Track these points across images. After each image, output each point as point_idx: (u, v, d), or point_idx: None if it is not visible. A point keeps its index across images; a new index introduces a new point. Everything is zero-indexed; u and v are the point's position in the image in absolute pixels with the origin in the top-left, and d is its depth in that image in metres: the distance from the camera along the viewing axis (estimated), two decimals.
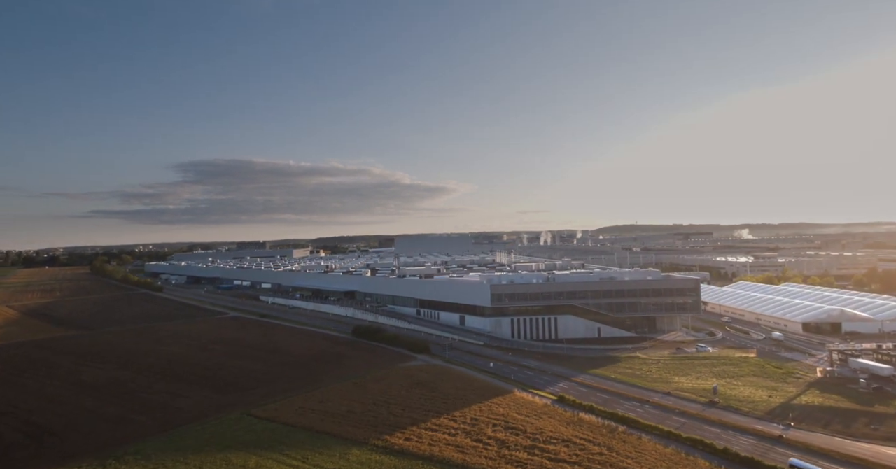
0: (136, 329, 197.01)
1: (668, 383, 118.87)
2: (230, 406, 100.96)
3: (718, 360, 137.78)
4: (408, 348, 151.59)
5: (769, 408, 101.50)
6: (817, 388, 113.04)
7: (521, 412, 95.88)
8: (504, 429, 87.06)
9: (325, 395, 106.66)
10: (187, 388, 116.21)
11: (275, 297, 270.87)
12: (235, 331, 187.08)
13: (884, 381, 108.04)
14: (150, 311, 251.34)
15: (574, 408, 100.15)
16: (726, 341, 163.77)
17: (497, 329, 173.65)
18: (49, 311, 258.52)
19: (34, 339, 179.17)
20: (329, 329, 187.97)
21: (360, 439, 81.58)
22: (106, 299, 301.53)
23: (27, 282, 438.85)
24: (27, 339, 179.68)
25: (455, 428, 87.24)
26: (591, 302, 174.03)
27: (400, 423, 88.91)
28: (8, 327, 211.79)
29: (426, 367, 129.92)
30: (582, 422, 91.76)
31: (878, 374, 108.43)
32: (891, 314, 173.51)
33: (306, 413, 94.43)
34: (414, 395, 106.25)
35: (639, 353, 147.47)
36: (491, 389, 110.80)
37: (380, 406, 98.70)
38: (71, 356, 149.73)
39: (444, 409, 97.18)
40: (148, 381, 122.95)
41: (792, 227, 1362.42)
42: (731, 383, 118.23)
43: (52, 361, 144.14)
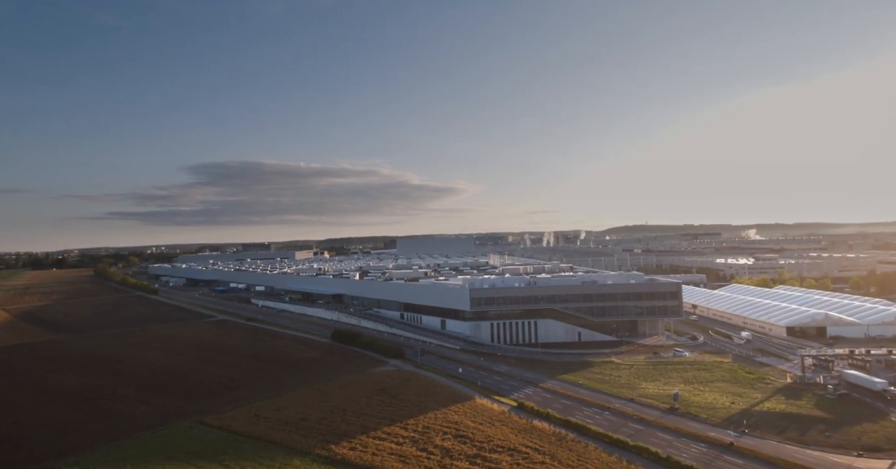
0: (121, 333, 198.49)
1: (634, 389, 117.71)
2: (188, 413, 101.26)
3: (692, 365, 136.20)
4: (382, 353, 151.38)
5: (728, 414, 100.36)
6: (783, 395, 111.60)
7: (476, 420, 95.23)
8: (454, 437, 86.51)
9: (285, 401, 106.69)
10: (152, 394, 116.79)
11: (265, 300, 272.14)
12: (217, 335, 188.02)
13: (874, 396, 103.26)
14: (141, 314, 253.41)
15: (531, 415, 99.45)
16: (706, 346, 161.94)
17: (476, 333, 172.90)
18: (42, 314, 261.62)
19: (15, 344, 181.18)
20: (310, 333, 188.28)
21: (305, 448, 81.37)
22: (100, 302, 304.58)
23: (28, 284, 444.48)
24: (8, 344, 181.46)
25: (404, 436, 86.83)
26: (571, 306, 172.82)
27: (350, 432, 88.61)
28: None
29: (395, 373, 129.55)
30: (534, 429, 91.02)
31: (870, 388, 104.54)
32: (876, 318, 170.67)
33: (260, 421, 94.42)
34: (374, 401, 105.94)
35: (614, 358, 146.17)
36: (453, 396, 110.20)
37: (336, 413, 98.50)
38: (46, 361, 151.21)
39: (400, 416, 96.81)
40: (115, 387, 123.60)
41: (806, 227, 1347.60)
42: (697, 389, 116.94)
43: (26, 367, 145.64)
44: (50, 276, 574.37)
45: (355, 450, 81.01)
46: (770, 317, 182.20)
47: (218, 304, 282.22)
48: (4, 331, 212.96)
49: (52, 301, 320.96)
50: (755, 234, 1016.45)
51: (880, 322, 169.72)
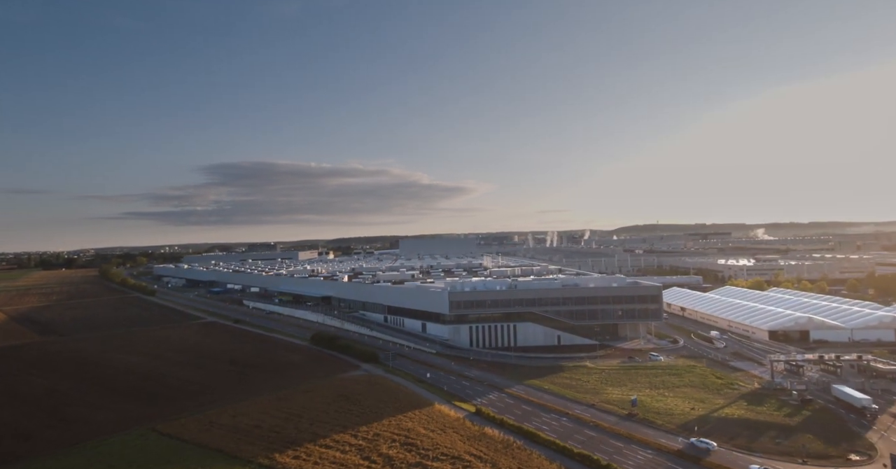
0: (108, 335, 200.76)
1: (598, 394, 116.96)
2: (146, 420, 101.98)
3: (663, 370, 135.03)
4: (356, 357, 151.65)
5: (685, 421, 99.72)
6: (747, 400, 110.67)
7: (430, 426, 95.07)
8: (401, 445, 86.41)
9: (245, 407, 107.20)
10: (117, 399, 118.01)
11: (257, 302, 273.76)
12: (200, 338, 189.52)
13: (858, 413, 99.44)
14: (133, 316, 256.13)
15: (486, 421, 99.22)
16: (685, 350, 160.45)
17: (455, 337, 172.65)
18: (37, 316, 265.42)
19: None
20: (293, 336, 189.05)
21: (248, 457, 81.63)
22: (97, 304, 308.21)
23: (32, 285, 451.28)
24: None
25: (352, 444, 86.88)
26: (550, 309, 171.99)
27: (299, 439, 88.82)
28: None
29: (363, 378, 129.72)
30: (484, 436, 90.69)
31: (853, 405, 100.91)
32: (860, 322, 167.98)
33: (212, 428, 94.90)
34: (333, 408, 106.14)
35: (587, 362, 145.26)
36: (413, 402, 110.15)
37: (291, 420, 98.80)
38: (23, 364, 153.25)
39: (354, 423, 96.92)
40: (83, 392, 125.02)
41: (821, 227, 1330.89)
42: (662, 394, 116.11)
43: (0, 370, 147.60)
44: (56, 276, 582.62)
45: (298, 458, 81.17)
46: (753, 320, 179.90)
47: (210, 305, 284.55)
48: None
49: (50, 302, 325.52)
50: (763, 234, 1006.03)
51: (864, 326, 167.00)
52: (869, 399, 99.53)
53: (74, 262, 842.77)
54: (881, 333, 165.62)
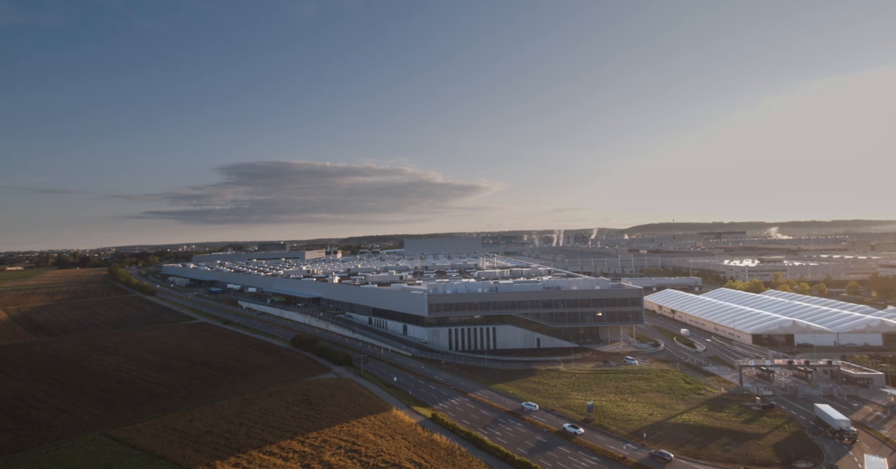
0: (96, 336, 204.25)
1: (561, 399, 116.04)
2: (104, 424, 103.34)
3: (634, 374, 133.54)
4: (331, 360, 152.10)
5: (639, 427, 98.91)
6: (709, 406, 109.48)
7: (380, 432, 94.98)
8: (345, 452, 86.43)
9: (204, 412, 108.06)
10: (83, 402, 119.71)
11: (250, 302, 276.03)
12: (185, 339, 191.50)
13: (835, 434, 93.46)
14: (128, 316, 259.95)
15: (438, 427, 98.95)
16: (664, 353, 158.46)
17: (434, 339, 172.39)
18: (35, 316, 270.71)
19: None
20: (276, 338, 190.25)
21: (189, 464, 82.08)
22: (97, 303, 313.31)
23: (41, 284, 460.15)
24: None
25: (297, 451, 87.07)
26: (530, 312, 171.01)
27: (245, 446, 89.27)
28: None
29: (330, 381, 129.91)
30: (432, 443, 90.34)
31: (830, 426, 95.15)
32: (847, 326, 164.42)
33: (165, 433, 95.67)
34: (290, 413, 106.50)
35: (561, 366, 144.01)
36: (372, 406, 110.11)
37: (244, 425, 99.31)
38: (1, 365, 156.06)
39: (305, 429, 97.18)
40: (52, 394, 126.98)
41: (844, 225, 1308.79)
42: (625, 399, 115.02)
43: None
44: (68, 275, 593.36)
45: (239, 466, 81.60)
46: (738, 323, 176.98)
47: (205, 305, 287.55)
48: None
49: (53, 302, 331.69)
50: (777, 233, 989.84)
51: (851, 330, 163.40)
52: (847, 421, 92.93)
53: (89, 260, 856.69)
54: (868, 338, 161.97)
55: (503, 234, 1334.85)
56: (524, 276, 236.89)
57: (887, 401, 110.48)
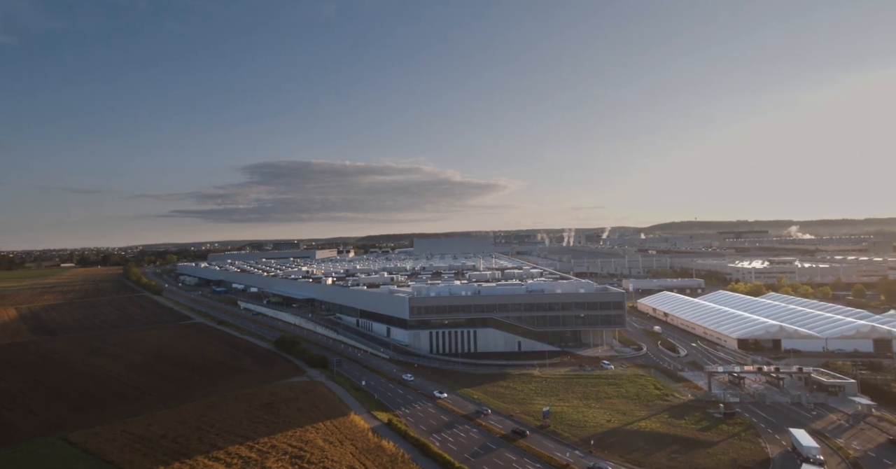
0: (89, 336, 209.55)
1: (524, 404, 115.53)
2: (67, 426, 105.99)
3: (606, 379, 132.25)
4: (308, 362, 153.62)
5: (593, 433, 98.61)
6: (670, 413, 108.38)
7: (331, 438, 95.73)
8: (290, 458, 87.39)
9: (166, 415, 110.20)
10: (55, 403, 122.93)
11: (248, 303, 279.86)
12: (175, 339, 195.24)
13: (803, 459, 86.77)
14: (129, 315, 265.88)
15: (390, 432, 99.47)
16: (644, 357, 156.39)
17: (415, 342, 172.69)
18: (43, 314, 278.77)
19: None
20: (263, 339, 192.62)
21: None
22: (102, 302, 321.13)
23: (56, 283, 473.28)
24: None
25: (243, 457, 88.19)
26: (511, 315, 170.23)
27: (195, 451, 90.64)
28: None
29: (300, 385, 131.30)
30: (378, 449, 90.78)
31: (800, 451, 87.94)
32: (836, 332, 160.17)
33: (120, 437, 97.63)
34: (251, 416, 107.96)
35: (535, 371, 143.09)
36: (332, 411, 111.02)
37: (201, 429, 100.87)
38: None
39: (260, 433, 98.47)
40: (28, 395, 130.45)
41: (876, 223, 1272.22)
42: (587, 405, 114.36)
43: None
44: (86, 274, 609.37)
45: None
46: (725, 328, 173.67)
47: (206, 305, 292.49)
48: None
49: (64, 300, 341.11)
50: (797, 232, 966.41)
51: (840, 336, 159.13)
52: (817, 448, 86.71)
53: (109, 259, 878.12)
54: (857, 343, 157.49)
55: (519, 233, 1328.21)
56: (516, 277, 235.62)
57: (854, 409, 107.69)
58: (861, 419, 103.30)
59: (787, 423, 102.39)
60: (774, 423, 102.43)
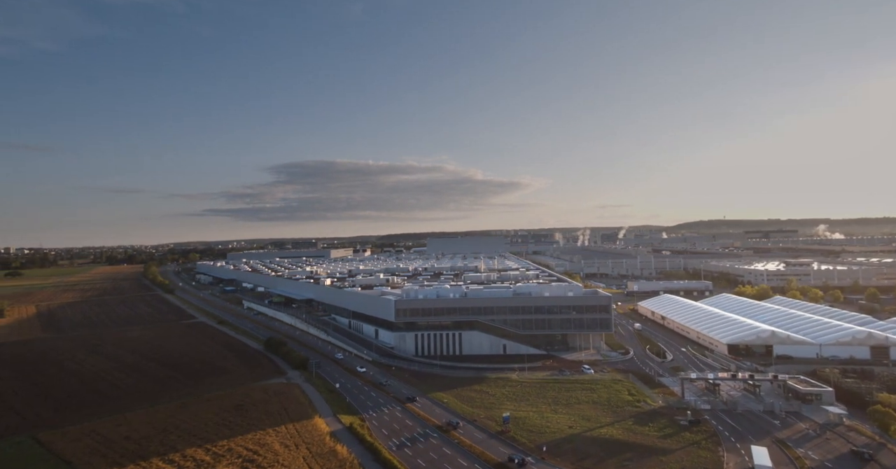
0: (93, 334, 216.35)
1: (492, 409, 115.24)
2: (44, 425, 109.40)
3: (582, 384, 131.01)
4: (290, 363, 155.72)
5: (551, 439, 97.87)
6: (636, 419, 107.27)
7: (288, 442, 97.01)
8: (243, 462, 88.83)
9: (137, 416, 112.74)
10: (38, 403, 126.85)
11: (251, 302, 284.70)
12: (172, 339, 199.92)
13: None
14: (137, 314, 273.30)
15: (349, 436, 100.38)
16: (628, 362, 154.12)
17: (401, 344, 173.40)
18: (59, 312, 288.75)
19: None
20: (256, 339, 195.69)
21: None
22: (116, 301, 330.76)
23: (80, 281, 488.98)
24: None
25: (197, 460, 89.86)
26: (497, 318, 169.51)
27: (152, 453, 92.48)
28: (5, 328, 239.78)
29: (274, 387, 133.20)
30: (332, 454, 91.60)
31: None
32: (831, 338, 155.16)
33: (86, 438, 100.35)
34: (218, 419, 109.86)
35: (513, 374, 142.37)
36: (298, 414, 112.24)
37: (166, 431, 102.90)
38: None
39: (221, 436, 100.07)
40: (17, 394, 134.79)
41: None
42: (555, 410, 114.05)
43: None
44: (110, 272, 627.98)
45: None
46: (716, 332, 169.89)
47: (212, 305, 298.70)
48: (7, 329, 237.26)
49: (82, 298, 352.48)
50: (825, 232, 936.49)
51: (835, 342, 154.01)
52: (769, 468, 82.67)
53: (135, 258, 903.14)
54: (854, 350, 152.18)
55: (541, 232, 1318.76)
56: (512, 279, 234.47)
57: (826, 418, 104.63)
58: (830, 429, 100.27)
59: (753, 431, 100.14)
60: (740, 432, 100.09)
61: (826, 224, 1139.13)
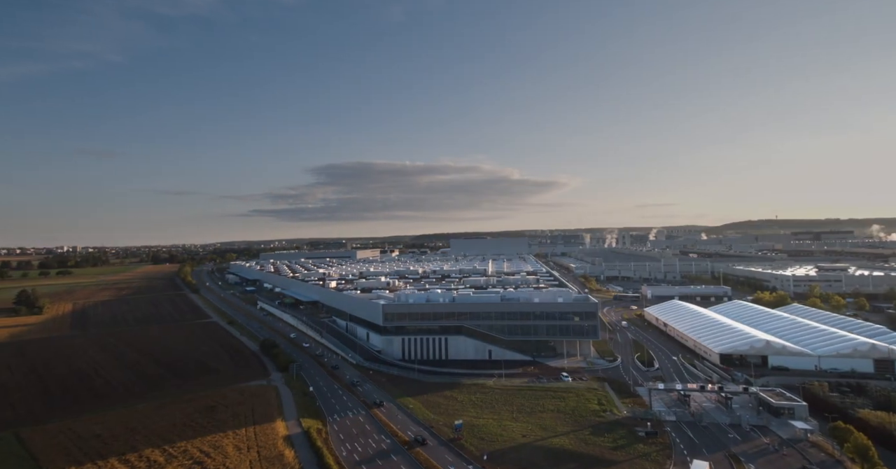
0: (111, 332, 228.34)
1: (454, 416, 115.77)
2: (27, 422, 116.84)
3: (554, 392, 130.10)
4: (277, 365, 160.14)
5: (499, 448, 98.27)
6: (594, 430, 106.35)
7: (242, 445, 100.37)
8: (193, 463, 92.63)
9: (114, 415, 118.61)
10: (35, 399, 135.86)
11: (264, 303, 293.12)
12: (179, 338, 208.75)
13: None
14: (158, 313, 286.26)
15: (302, 440, 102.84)
16: (612, 371, 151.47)
17: (388, 348, 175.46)
18: (91, 310, 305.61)
19: (11, 341, 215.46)
20: (255, 340, 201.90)
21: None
22: (144, 300, 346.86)
23: (119, 280, 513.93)
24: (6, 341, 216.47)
25: (151, 461, 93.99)
26: (483, 323, 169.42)
27: (112, 453, 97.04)
28: (39, 324, 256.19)
29: (253, 389, 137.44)
30: (279, 458, 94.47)
31: None
32: (831, 349, 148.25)
33: (61, 435, 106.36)
34: (187, 420, 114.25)
35: (490, 381, 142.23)
36: (263, 417, 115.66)
37: (135, 431, 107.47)
38: (8, 357, 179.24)
39: (182, 438, 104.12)
40: (20, 390, 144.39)
41: None
42: (515, 418, 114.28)
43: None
44: (150, 271, 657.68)
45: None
46: (710, 341, 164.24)
47: (229, 305, 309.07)
48: (41, 325, 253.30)
49: (117, 296, 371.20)
50: (879, 232, 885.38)
51: (835, 354, 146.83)
52: None
53: (176, 257, 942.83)
54: (855, 363, 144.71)
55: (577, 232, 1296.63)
56: (511, 284, 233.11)
57: (791, 433, 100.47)
58: (792, 444, 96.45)
59: (710, 445, 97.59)
60: (696, 445, 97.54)
61: (882, 225, 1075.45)
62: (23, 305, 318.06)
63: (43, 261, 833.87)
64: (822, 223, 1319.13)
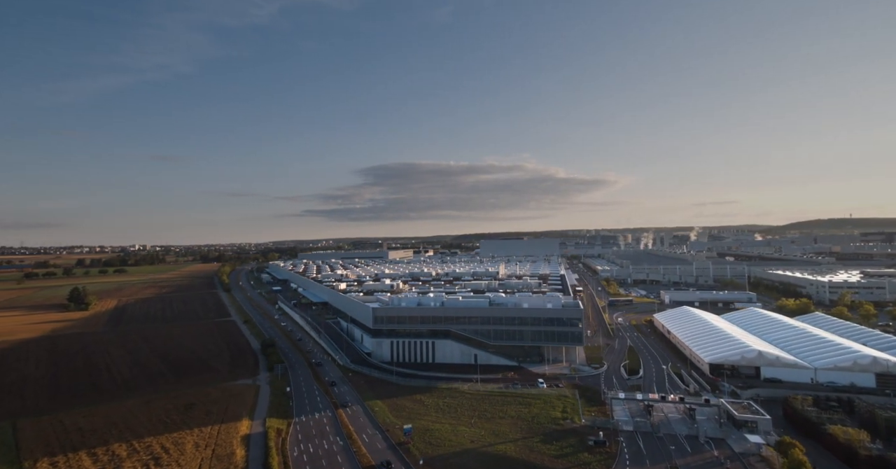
0: (139, 329, 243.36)
1: (414, 420, 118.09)
2: (30, 413, 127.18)
3: (523, 398, 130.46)
4: (266, 364, 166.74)
5: (442, 453, 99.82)
6: (544, 437, 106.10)
7: (201, 442, 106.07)
8: (151, 458, 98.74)
9: (106, 409, 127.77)
10: (44, 392, 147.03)
11: (282, 303, 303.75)
12: (193, 336, 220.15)
13: None
14: (189, 310, 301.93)
15: (258, 440, 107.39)
16: (592, 378, 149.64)
17: (378, 350, 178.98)
18: (130, 307, 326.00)
19: (47, 335, 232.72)
20: (261, 338, 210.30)
21: (26, 458, 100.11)
22: (178, 298, 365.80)
23: (163, 278, 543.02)
24: (38, 335, 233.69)
25: (115, 455, 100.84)
26: (469, 328, 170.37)
27: (83, 446, 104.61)
28: (80, 320, 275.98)
29: (237, 387, 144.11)
30: (229, 457, 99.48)
31: None
32: (829, 362, 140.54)
33: (50, 427, 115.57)
34: (165, 416, 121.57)
35: (464, 385, 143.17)
36: (232, 415, 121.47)
37: (113, 426, 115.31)
38: (41, 351, 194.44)
39: (151, 433, 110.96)
40: (35, 382, 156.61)
41: None
42: (471, 424, 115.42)
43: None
44: (195, 270, 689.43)
45: (54, 465, 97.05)
46: (703, 350, 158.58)
47: (253, 304, 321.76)
48: (81, 321, 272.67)
49: (157, 294, 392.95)
50: None
51: (832, 367, 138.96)
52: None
53: (223, 256, 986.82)
54: (855, 377, 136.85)
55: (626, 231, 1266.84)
56: (513, 287, 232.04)
57: (744, 447, 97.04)
58: (741, 458, 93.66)
59: (655, 456, 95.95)
60: (641, 456, 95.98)
61: None
62: (73, 302, 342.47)
63: (108, 259, 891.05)
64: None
